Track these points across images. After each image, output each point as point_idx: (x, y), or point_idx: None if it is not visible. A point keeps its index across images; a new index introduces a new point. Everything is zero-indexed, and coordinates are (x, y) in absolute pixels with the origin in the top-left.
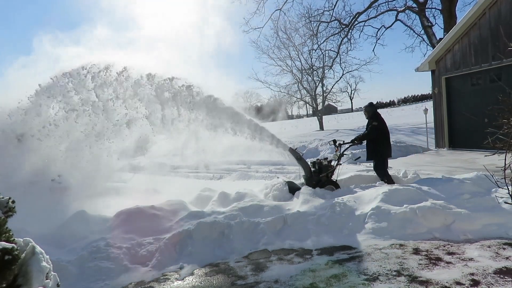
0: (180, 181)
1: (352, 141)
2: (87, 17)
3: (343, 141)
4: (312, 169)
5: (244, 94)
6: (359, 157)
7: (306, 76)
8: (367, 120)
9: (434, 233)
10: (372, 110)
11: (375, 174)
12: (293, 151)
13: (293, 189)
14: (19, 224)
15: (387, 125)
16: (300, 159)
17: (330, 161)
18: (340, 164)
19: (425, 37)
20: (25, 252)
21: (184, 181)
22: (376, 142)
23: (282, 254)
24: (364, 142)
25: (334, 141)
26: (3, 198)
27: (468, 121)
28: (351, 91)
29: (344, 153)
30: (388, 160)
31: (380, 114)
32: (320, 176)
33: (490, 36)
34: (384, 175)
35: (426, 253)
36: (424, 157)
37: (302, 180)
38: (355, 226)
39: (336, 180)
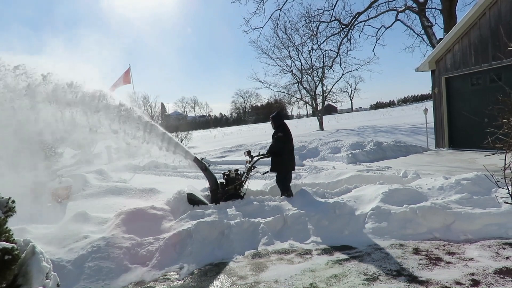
0: (180, 181)
1: (263, 154)
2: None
3: (259, 153)
4: (222, 180)
5: (244, 94)
6: (267, 171)
7: (306, 76)
8: (273, 130)
9: (434, 233)
10: (279, 120)
11: (375, 174)
12: (198, 161)
13: (193, 201)
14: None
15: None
16: (205, 170)
17: (241, 173)
18: (248, 178)
19: (425, 37)
20: (25, 252)
21: (183, 181)
22: (280, 154)
23: (282, 254)
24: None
25: (249, 152)
26: (3, 198)
27: (468, 121)
28: (351, 91)
29: (254, 165)
30: (292, 173)
31: (286, 125)
32: (226, 188)
33: (490, 36)
34: (285, 189)
35: (426, 253)
36: (424, 157)
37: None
38: (355, 226)
39: (244, 194)
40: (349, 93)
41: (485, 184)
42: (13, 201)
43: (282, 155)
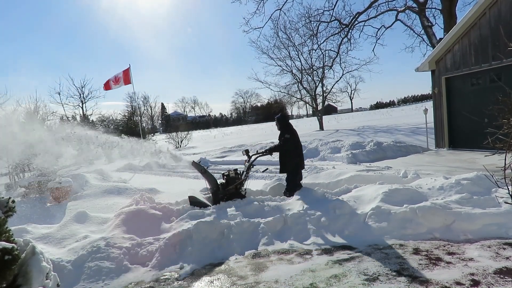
0: (180, 180)
1: (263, 153)
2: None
3: (257, 151)
4: (222, 181)
5: (244, 94)
6: (267, 168)
7: (306, 76)
8: (278, 131)
9: (434, 233)
10: (284, 122)
11: (375, 174)
12: (197, 165)
13: (195, 203)
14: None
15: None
16: (204, 172)
17: (241, 172)
18: (247, 177)
19: (425, 37)
20: (25, 252)
21: (184, 181)
22: (288, 155)
23: (282, 254)
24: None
25: (246, 151)
26: (3, 198)
27: (468, 121)
28: (351, 91)
29: (253, 164)
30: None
31: (291, 125)
32: (227, 188)
33: (490, 36)
34: (292, 189)
35: (426, 253)
36: (424, 157)
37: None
38: (355, 226)
39: (245, 192)
40: (349, 93)
41: (485, 184)
42: (13, 201)
43: (289, 155)
